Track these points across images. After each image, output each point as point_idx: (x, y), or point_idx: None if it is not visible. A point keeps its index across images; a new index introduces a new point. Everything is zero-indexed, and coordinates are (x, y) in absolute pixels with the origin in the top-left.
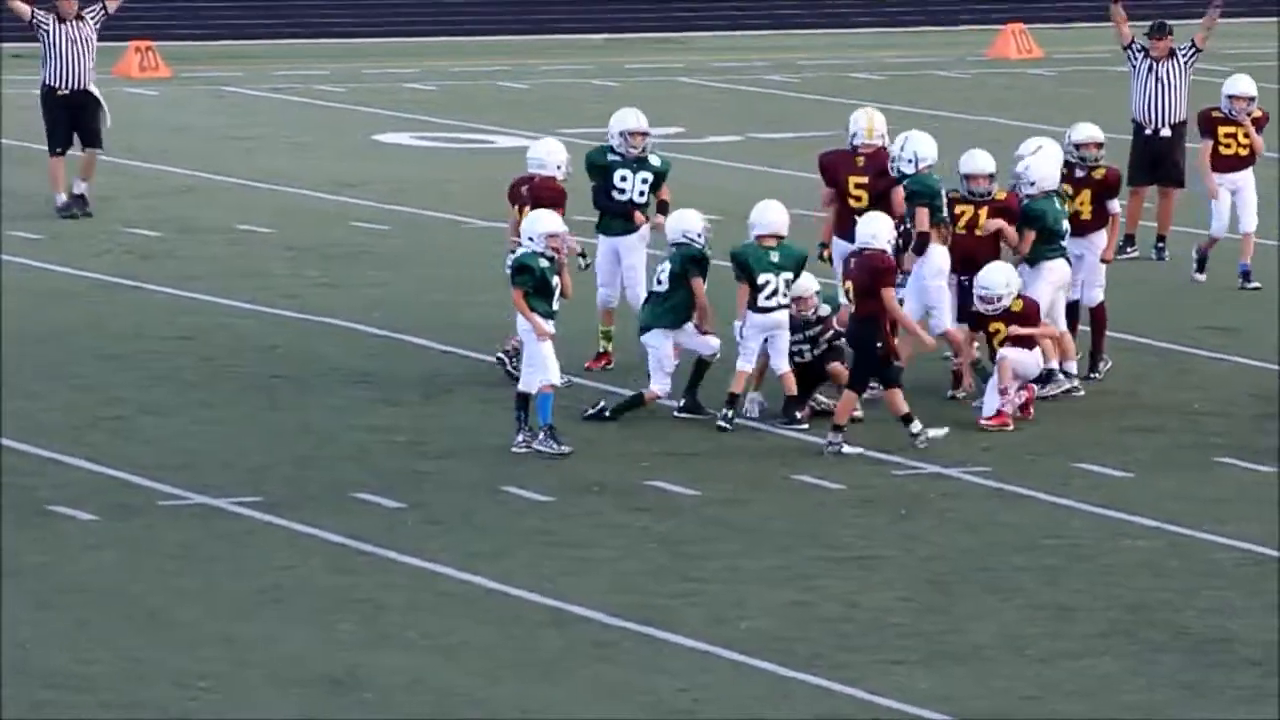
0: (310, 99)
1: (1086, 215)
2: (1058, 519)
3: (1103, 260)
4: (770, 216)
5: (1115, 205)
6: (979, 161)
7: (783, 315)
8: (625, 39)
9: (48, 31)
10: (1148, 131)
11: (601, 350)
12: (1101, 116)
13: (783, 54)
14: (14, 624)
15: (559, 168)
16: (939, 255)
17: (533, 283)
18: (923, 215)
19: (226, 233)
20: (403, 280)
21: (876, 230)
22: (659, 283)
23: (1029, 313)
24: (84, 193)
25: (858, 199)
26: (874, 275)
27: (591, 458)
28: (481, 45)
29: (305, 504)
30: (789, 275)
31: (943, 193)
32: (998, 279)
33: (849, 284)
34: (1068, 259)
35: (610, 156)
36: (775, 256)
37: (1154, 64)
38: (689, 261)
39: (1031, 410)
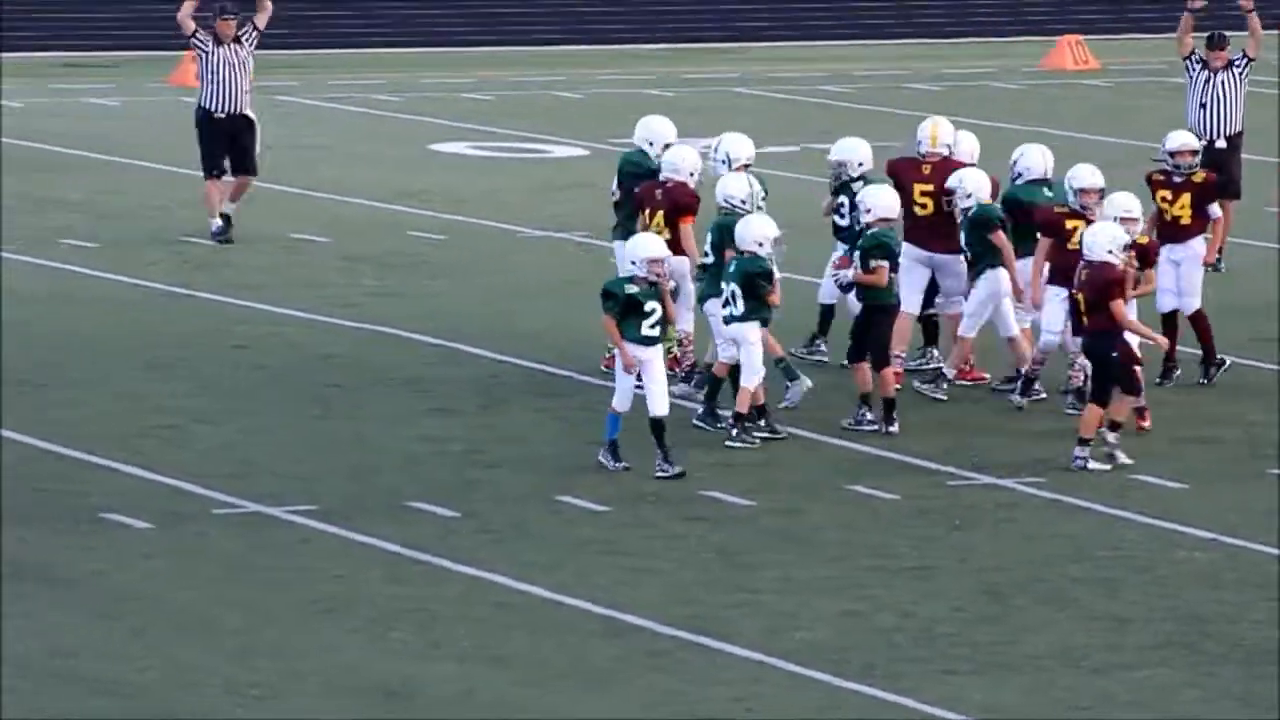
0: (367, 109)
1: (1186, 220)
2: (1114, 530)
3: (1205, 263)
4: (745, 231)
5: (1215, 209)
6: (1092, 176)
7: (738, 328)
8: (682, 49)
9: (206, 53)
10: (1204, 143)
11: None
12: (1157, 128)
13: (839, 64)
14: (65, 631)
15: (692, 175)
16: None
17: (617, 308)
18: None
19: (283, 242)
20: (459, 289)
21: (1098, 240)
22: (705, 254)
23: (1151, 250)
24: (230, 213)
25: (923, 206)
26: (1103, 287)
27: (646, 468)
28: (538, 55)
29: (359, 513)
30: (735, 288)
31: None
32: (1137, 204)
33: (1079, 295)
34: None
35: (655, 162)
36: (731, 268)
37: (1211, 75)
38: (724, 231)
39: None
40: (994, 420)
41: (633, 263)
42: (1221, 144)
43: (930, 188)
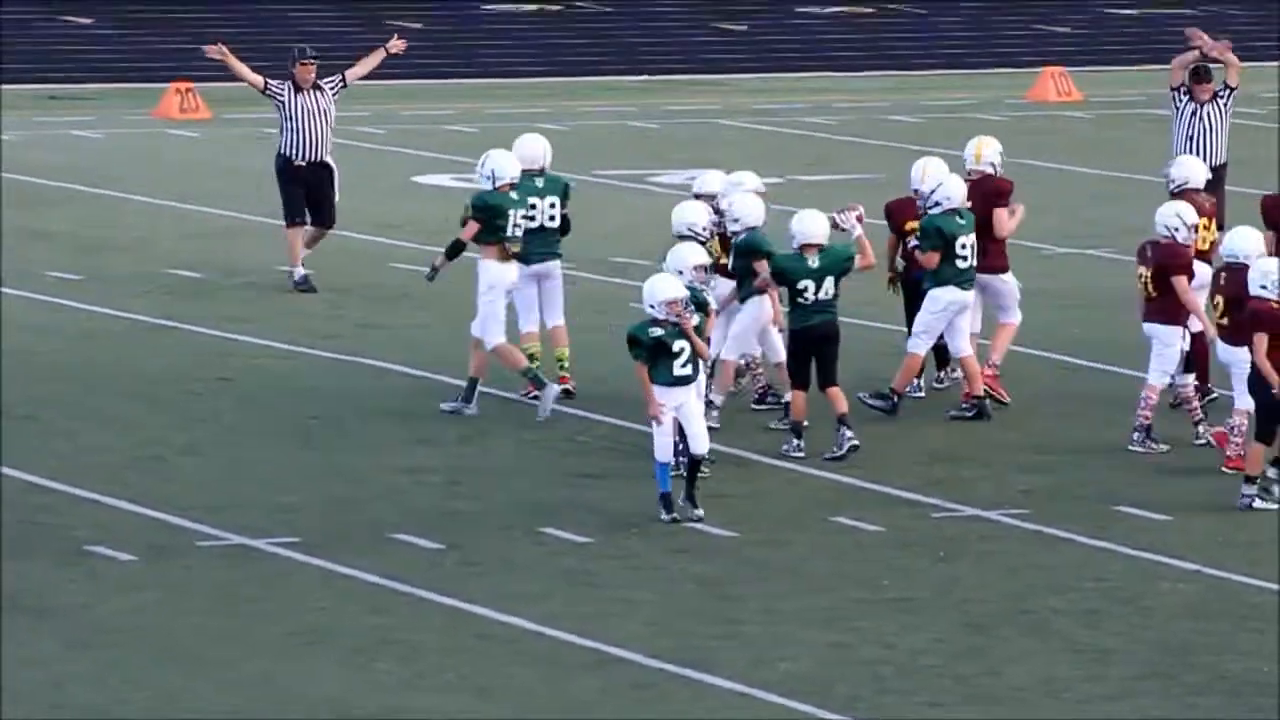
0: (350, 140)
1: None
2: (1097, 562)
3: None
4: (670, 258)
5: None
6: (1196, 213)
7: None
8: (664, 81)
9: (284, 101)
10: None
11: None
12: (1140, 159)
13: (821, 96)
14: (51, 666)
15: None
16: (494, 271)
17: (645, 354)
18: (470, 228)
19: (266, 274)
20: (441, 322)
21: (1253, 277)
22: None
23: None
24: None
25: None
26: (1245, 321)
27: (630, 499)
28: (520, 87)
29: (343, 545)
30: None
31: (510, 213)
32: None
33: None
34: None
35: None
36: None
37: (1197, 107)
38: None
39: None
40: (977, 451)
41: (651, 306)
42: (1208, 175)
43: (969, 204)
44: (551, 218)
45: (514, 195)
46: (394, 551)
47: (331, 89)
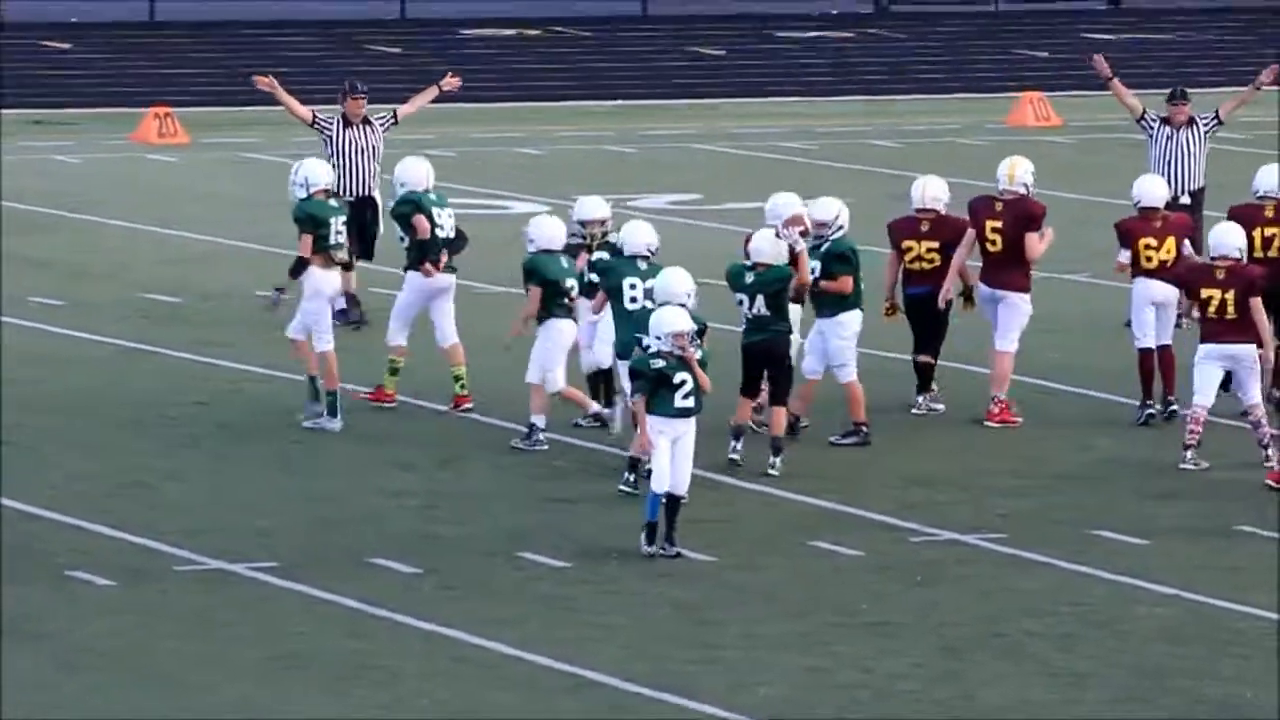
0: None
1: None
2: (1074, 586)
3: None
4: (668, 286)
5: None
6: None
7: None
8: (641, 105)
9: (331, 136)
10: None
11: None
12: (1119, 184)
13: (801, 120)
14: (32, 689)
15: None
16: (318, 278)
17: (648, 386)
18: (306, 242)
19: (245, 298)
20: (418, 346)
21: None
22: (635, 300)
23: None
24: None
25: (993, 243)
26: None
27: (607, 524)
28: (498, 112)
29: (320, 569)
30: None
31: (331, 220)
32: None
33: None
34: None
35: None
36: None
37: (1173, 132)
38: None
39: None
40: (954, 475)
41: (657, 337)
42: (1185, 200)
43: (1000, 224)
44: (451, 229)
45: (333, 204)
46: (372, 576)
47: (382, 124)
